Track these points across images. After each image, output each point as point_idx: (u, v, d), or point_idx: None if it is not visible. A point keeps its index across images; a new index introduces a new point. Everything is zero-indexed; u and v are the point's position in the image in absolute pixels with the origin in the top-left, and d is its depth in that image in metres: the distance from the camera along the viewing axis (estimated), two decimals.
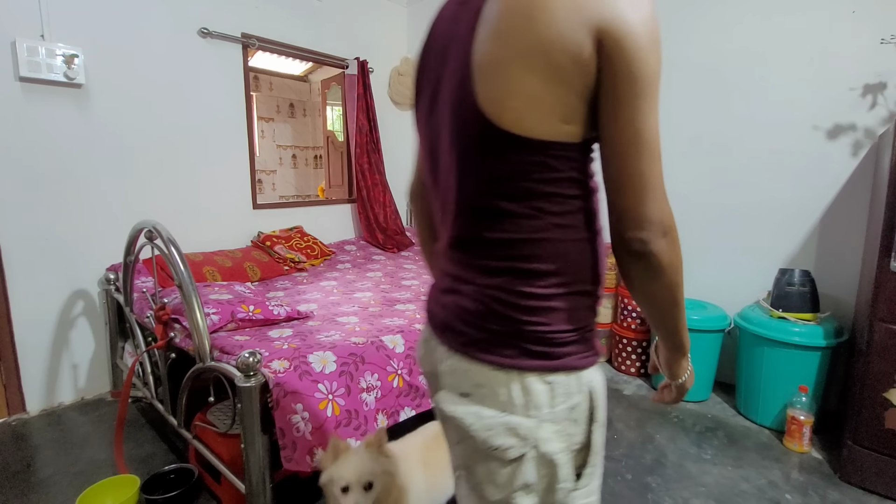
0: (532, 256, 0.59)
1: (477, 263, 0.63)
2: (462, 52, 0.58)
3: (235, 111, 2.88)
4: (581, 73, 0.52)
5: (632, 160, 0.54)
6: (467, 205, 0.63)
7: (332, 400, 1.41)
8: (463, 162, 0.61)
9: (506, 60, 0.53)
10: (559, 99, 0.53)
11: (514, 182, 0.57)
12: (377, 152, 3.61)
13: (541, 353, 0.59)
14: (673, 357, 0.72)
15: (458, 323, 0.64)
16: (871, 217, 1.98)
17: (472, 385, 0.61)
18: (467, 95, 0.57)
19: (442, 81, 0.63)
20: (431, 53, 0.66)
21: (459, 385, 0.63)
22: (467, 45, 0.57)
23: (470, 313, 0.63)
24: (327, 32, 3.33)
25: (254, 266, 2.64)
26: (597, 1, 0.50)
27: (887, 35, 1.97)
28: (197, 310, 1.47)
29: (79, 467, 1.85)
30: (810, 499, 1.67)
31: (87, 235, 2.34)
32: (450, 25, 0.62)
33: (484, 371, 0.60)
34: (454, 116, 0.60)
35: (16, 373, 2.21)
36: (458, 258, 0.66)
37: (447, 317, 0.67)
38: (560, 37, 0.51)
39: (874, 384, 1.65)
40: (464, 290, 0.64)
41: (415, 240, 3.65)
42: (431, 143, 0.68)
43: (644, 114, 0.53)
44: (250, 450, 1.33)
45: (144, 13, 2.45)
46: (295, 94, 5.58)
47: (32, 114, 2.15)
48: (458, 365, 0.63)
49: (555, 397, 0.59)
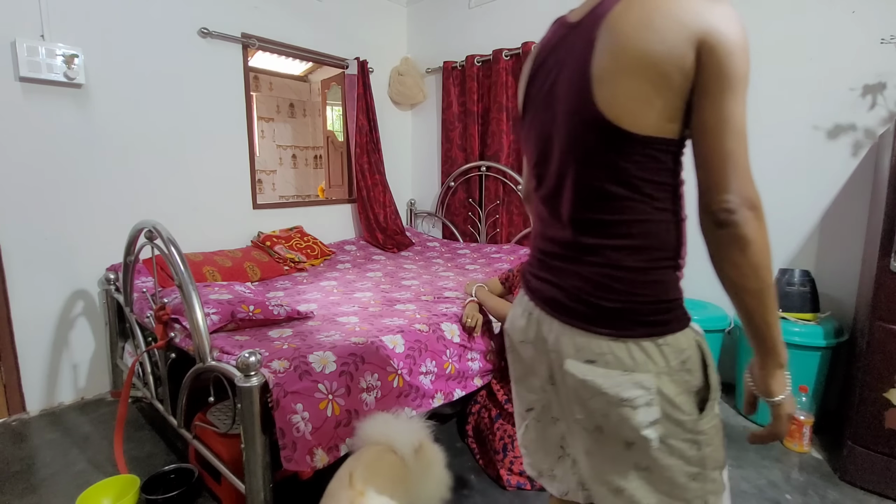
0: (640, 235, 0.71)
1: (591, 243, 0.74)
2: (580, 66, 0.70)
3: (235, 111, 2.88)
4: (684, 78, 0.64)
5: (720, 140, 0.64)
6: (586, 192, 0.73)
7: (332, 400, 1.41)
8: (583, 156, 0.72)
9: (623, 72, 0.65)
10: (667, 101, 0.65)
11: (629, 172, 0.69)
12: (377, 152, 3.61)
13: (651, 322, 0.71)
14: (769, 367, 0.71)
15: (573, 300, 0.76)
16: (871, 217, 1.98)
17: (596, 354, 0.73)
18: (588, 102, 0.68)
19: (556, 94, 0.75)
20: (542, 72, 0.80)
21: (584, 354, 0.74)
22: (585, 61, 0.69)
23: (585, 291, 0.74)
24: (327, 32, 3.33)
25: (254, 266, 2.64)
26: (696, 19, 0.62)
27: (887, 35, 1.97)
28: (197, 310, 1.47)
29: (79, 467, 1.85)
30: (810, 499, 1.67)
31: (87, 235, 2.34)
32: (562, 47, 0.76)
33: (603, 342, 0.72)
34: (573, 118, 0.72)
35: (16, 373, 2.21)
36: (570, 239, 0.76)
37: (561, 295, 0.77)
38: (669, 52, 0.63)
39: (874, 384, 1.65)
40: (576, 269, 0.76)
41: (415, 240, 3.65)
42: (543, 145, 0.80)
43: (733, 103, 0.63)
44: (250, 450, 1.33)
45: (144, 13, 2.45)
46: (295, 94, 5.58)
47: (32, 114, 2.15)
48: (578, 338, 0.75)
49: (667, 355, 0.71)
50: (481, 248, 3.33)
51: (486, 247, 3.34)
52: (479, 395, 2.01)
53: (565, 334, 0.77)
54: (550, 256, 0.81)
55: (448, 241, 3.65)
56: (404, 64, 3.78)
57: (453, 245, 3.52)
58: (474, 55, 3.36)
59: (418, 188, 4.05)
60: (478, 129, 3.45)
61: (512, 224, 3.35)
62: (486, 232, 3.50)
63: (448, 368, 1.80)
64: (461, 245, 3.50)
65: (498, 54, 3.20)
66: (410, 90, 3.76)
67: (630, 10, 0.65)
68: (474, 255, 3.24)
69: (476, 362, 1.93)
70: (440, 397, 1.77)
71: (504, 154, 3.27)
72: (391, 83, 3.82)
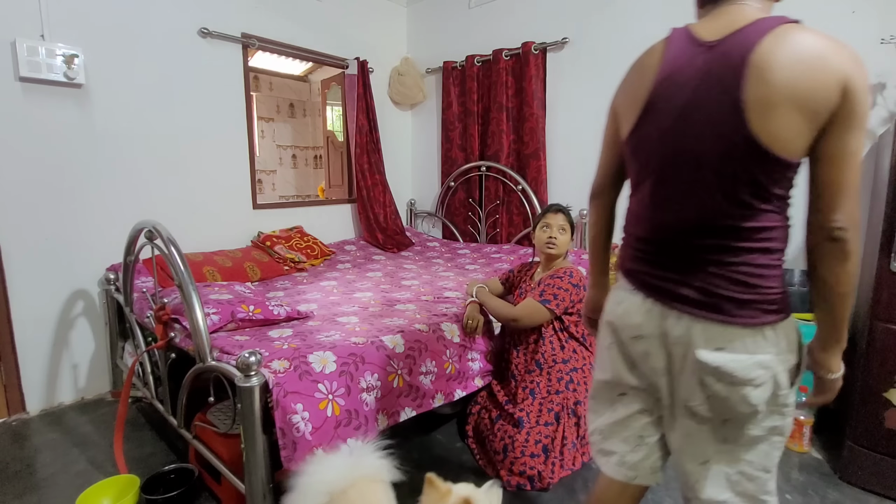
0: (771, 238, 0.84)
1: (727, 245, 0.84)
2: (730, 91, 0.79)
3: (235, 111, 2.88)
4: (828, 115, 0.75)
5: (841, 170, 0.77)
6: (726, 202, 0.83)
7: (332, 400, 1.41)
8: (729, 171, 0.82)
9: (780, 105, 0.75)
10: (810, 132, 0.77)
11: (767, 188, 0.81)
12: (377, 152, 3.61)
13: (773, 311, 0.84)
14: (834, 350, 0.88)
15: (708, 296, 0.85)
16: (870, 217, 1.98)
17: (726, 341, 0.84)
18: (740, 126, 0.78)
19: (699, 109, 0.83)
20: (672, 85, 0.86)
21: (714, 343, 0.85)
22: (736, 87, 0.78)
23: (721, 287, 0.85)
24: (327, 32, 3.33)
25: (254, 266, 2.64)
26: (843, 66, 0.74)
27: (887, 35, 1.97)
28: (197, 310, 1.47)
29: (79, 467, 1.85)
30: (810, 499, 1.67)
31: (87, 235, 2.34)
32: (698, 65, 0.84)
33: (735, 330, 0.84)
34: (722, 138, 0.81)
35: (16, 373, 2.21)
36: (706, 242, 0.86)
37: (693, 292, 0.87)
38: (822, 93, 0.74)
39: (874, 384, 1.65)
40: (712, 269, 0.85)
41: (415, 240, 3.65)
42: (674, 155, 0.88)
43: (856, 139, 0.76)
44: (250, 450, 1.33)
45: (144, 13, 2.45)
46: (295, 94, 5.58)
47: (32, 114, 2.15)
48: (711, 328, 0.85)
49: (780, 339, 0.84)
50: (481, 248, 3.33)
51: (486, 247, 3.34)
52: (480, 396, 2.01)
53: (696, 326, 0.86)
54: (677, 258, 0.90)
55: (448, 241, 3.65)
56: (404, 64, 3.78)
57: (453, 245, 3.52)
58: (474, 55, 3.36)
59: (418, 188, 4.05)
60: (478, 129, 3.45)
61: (512, 224, 3.35)
62: (486, 232, 3.50)
63: (448, 369, 1.80)
64: (461, 245, 3.50)
65: (498, 54, 3.20)
66: (410, 90, 3.77)
67: (780, 48, 0.75)
68: (474, 255, 3.24)
69: (476, 362, 1.93)
70: (440, 397, 1.77)
71: (504, 154, 3.27)
72: (391, 83, 3.82)
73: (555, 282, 1.83)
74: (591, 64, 2.91)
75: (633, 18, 2.72)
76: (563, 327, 1.86)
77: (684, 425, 0.93)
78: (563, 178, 3.13)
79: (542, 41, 3.04)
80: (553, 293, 1.81)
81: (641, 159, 0.95)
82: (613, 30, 2.80)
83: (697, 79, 0.83)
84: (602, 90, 2.90)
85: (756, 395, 0.84)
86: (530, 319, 1.83)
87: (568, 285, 1.83)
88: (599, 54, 2.87)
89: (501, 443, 1.75)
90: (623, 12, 2.75)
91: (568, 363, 1.83)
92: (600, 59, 2.87)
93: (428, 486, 1.10)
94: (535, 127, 3.08)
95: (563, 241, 1.89)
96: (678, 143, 0.87)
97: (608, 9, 2.81)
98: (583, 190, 2.98)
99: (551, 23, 3.04)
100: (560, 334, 1.86)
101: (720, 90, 0.80)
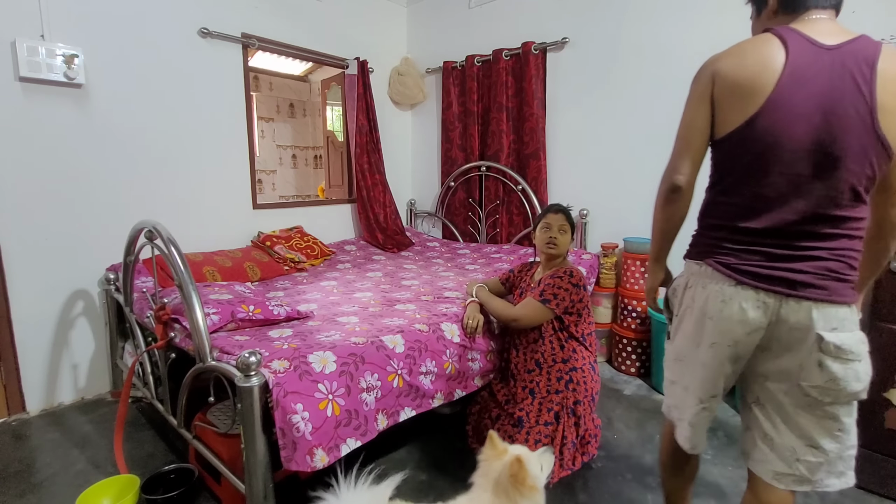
0: (862, 228, 0.97)
1: (837, 233, 0.95)
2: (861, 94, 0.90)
3: (235, 111, 2.88)
4: None
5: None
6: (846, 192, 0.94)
7: (332, 400, 1.41)
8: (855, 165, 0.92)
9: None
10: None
11: (873, 178, 0.94)
12: (377, 152, 3.61)
13: (854, 291, 0.98)
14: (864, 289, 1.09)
15: (822, 279, 0.96)
16: None
17: (839, 320, 0.96)
18: (872, 124, 0.90)
19: (834, 105, 0.91)
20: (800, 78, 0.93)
21: (828, 323, 0.96)
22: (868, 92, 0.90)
23: (835, 269, 0.96)
24: (327, 32, 3.33)
25: (254, 266, 2.64)
26: None
27: (887, 35, 1.97)
28: (197, 310, 1.47)
29: (79, 467, 1.85)
30: (810, 499, 1.67)
31: (87, 235, 2.34)
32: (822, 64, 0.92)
33: (843, 310, 0.97)
34: (852, 132, 0.91)
35: (16, 373, 2.21)
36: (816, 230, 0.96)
37: (808, 277, 0.96)
38: None
39: (874, 384, 1.64)
40: (828, 254, 0.96)
41: (415, 240, 3.65)
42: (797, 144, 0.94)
43: None
44: (250, 450, 1.33)
45: (144, 13, 2.45)
46: (295, 94, 5.58)
47: (32, 114, 2.15)
48: (826, 311, 0.96)
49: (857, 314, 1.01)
50: (481, 248, 3.33)
51: (486, 247, 3.34)
52: (480, 396, 2.01)
53: (815, 310, 0.96)
54: (792, 248, 0.97)
55: (448, 241, 3.66)
56: (404, 64, 3.78)
57: (453, 245, 3.52)
58: (474, 55, 3.36)
59: (418, 188, 4.05)
60: (478, 129, 3.45)
61: (512, 224, 3.35)
62: (486, 232, 3.50)
63: (448, 368, 1.80)
64: (461, 245, 3.50)
65: (498, 54, 3.20)
66: (410, 90, 3.77)
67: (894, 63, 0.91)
68: (474, 255, 3.24)
69: (476, 362, 1.93)
70: (440, 397, 1.77)
71: (504, 154, 3.27)
72: (391, 83, 3.82)
73: (555, 281, 1.83)
74: (591, 64, 2.91)
75: (632, 18, 2.72)
76: (562, 327, 1.86)
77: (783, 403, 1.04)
78: (563, 178, 3.13)
79: (542, 41, 3.04)
80: (553, 293, 1.81)
81: (762, 147, 0.96)
82: (613, 30, 2.80)
83: (829, 72, 0.91)
84: (602, 90, 2.92)
85: (863, 369, 0.97)
86: (530, 319, 1.83)
87: (568, 285, 1.83)
88: (599, 54, 2.87)
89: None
90: (623, 12, 2.75)
91: (568, 363, 1.83)
92: (600, 59, 2.87)
93: (489, 442, 1.19)
94: (535, 127, 3.08)
95: (564, 241, 1.89)
96: (820, 134, 0.92)
97: (608, 9, 2.81)
98: (583, 190, 3.01)
99: (551, 23, 3.04)
100: (560, 334, 1.86)
101: (855, 93, 0.90)
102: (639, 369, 2.69)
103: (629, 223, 2.82)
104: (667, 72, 2.60)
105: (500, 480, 1.11)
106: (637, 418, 2.23)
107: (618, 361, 2.77)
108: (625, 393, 2.49)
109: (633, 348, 2.68)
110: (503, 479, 1.10)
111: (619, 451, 1.95)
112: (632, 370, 2.70)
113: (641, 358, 2.68)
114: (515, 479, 1.09)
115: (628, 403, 2.38)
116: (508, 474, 1.10)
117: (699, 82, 1.04)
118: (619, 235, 2.85)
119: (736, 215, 1.01)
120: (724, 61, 1.00)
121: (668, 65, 2.59)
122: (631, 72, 2.75)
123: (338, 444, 1.40)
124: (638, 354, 2.68)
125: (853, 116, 0.90)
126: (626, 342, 2.70)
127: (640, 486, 1.73)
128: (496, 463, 1.14)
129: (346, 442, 1.42)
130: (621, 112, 2.80)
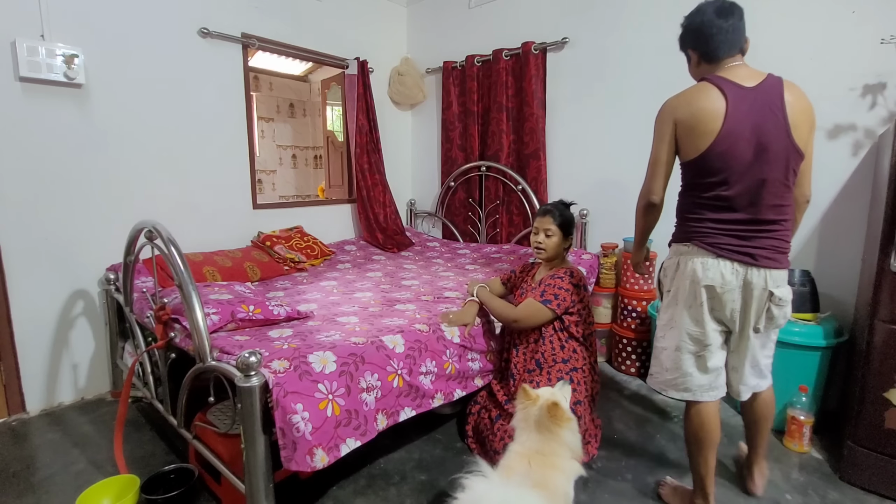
0: (792, 211, 1.41)
1: (777, 218, 1.36)
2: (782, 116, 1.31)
3: (235, 111, 2.88)
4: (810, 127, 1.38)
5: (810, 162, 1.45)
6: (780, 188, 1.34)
7: (332, 400, 1.41)
8: (782, 166, 1.33)
9: (802, 126, 1.34)
10: (810, 140, 1.39)
11: (795, 173, 1.36)
12: (377, 152, 3.61)
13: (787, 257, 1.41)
14: None
15: (773, 252, 1.36)
16: (871, 217, 1.98)
17: (781, 280, 1.40)
18: (789, 136, 1.31)
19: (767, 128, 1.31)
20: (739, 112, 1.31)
21: (777, 283, 1.38)
22: (783, 115, 1.31)
23: (778, 247, 1.37)
24: (327, 32, 3.33)
25: (254, 266, 2.64)
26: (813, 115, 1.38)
27: (887, 35, 1.97)
28: (197, 310, 1.47)
29: (79, 467, 1.85)
30: (810, 499, 1.67)
31: (87, 235, 2.34)
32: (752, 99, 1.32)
33: (783, 273, 1.40)
34: (778, 144, 1.31)
35: (16, 373, 2.21)
36: (767, 217, 1.35)
37: (764, 252, 1.35)
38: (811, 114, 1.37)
39: (874, 384, 1.65)
40: (772, 235, 1.36)
41: (415, 240, 3.65)
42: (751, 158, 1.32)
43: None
44: (250, 450, 1.33)
45: (144, 13, 2.45)
46: (295, 94, 5.58)
47: (32, 114, 2.15)
48: (775, 273, 1.37)
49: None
50: (481, 248, 3.33)
51: (486, 247, 3.34)
52: (480, 396, 2.01)
53: (769, 275, 1.36)
54: (756, 232, 1.35)
55: (448, 241, 3.65)
56: (404, 64, 3.78)
57: (453, 245, 3.52)
58: (474, 55, 3.36)
59: (418, 188, 4.05)
60: (478, 129, 3.45)
61: (512, 224, 3.35)
62: (486, 232, 3.50)
63: (448, 368, 1.80)
64: (461, 245, 3.50)
65: (498, 54, 3.20)
66: (410, 90, 3.77)
67: (796, 98, 1.33)
68: (474, 255, 3.24)
69: (476, 362, 1.93)
70: (440, 397, 1.77)
71: (504, 154, 3.27)
72: (391, 83, 3.81)
73: (555, 282, 1.83)
74: (591, 64, 2.91)
75: (632, 19, 2.72)
76: (563, 327, 1.86)
77: (744, 342, 1.46)
78: (563, 178, 3.13)
79: (542, 41, 3.04)
80: (554, 293, 1.81)
81: (720, 165, 1.34)
82: (613, 30, 2.80)
83: (757, 107, 1.31)
84: (602, 90, 2.92)
85: (789, 310, 1.42)
86: (531, 320, 1.83)
87: (569, 285, 1.83)
88: (599, 54, 2.87)
89: (501, 442, 1.74)
90: (622, 13, 2.75)
91: (568, 363, 1.83)
92: (600, 60, 2.87)
93: (521, 393, 1.39)
94: (535, 127, 3.08)
95: (551, 244, 1.89)
96: (757, 151, 1.31)
97: (608, 9, 2.81)
98: (583, 190, 3.01)
99: (551, 23, 3.04)
100: (560, 334, 1.86)
101: (777, 116, 1.31)
102: (639, 369, 2.69)
103: (629, 223, 2.79)
104: (667, 71, 2.59)
105: (541, 420, 1.32)
106: (637, 418, 2.22)
107: (618, 361, 2.77)
108: (625, 393, 2.49)
109: (633, 348, 2.67)
110: (543, 419, 1.32)
111: (618, 451, 1.95)
112: (632, 370, 2.70)
113: (641, 358, 2.68)
114: (555, 417, 1.30)
115: (628, 403, 2.37)
116: (549, 416, 1.31)
117: (663, 125, 1.42)
118: (619, 235, 2.85)
119: (709, 211, 1.40)
120: (681, 110, 1.37)
121: (667, 64, 2.58)
122: (631, 72, 2.75)
123: (338, 444, 1.40)
124: (638, 354, 2.68)
125: (776, 134, 1.30)
126: (625, 342, 2.70)
127: (640, 486, 1.73)
128: (532, 408, 1.35)
129: (346, 442, 1.42)
130: (621, 112, 2.80)
